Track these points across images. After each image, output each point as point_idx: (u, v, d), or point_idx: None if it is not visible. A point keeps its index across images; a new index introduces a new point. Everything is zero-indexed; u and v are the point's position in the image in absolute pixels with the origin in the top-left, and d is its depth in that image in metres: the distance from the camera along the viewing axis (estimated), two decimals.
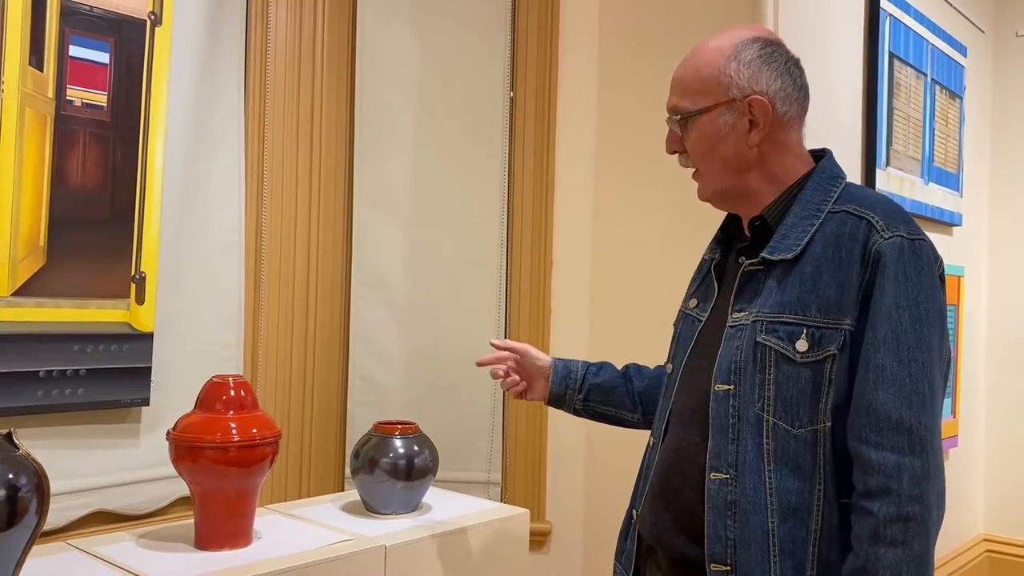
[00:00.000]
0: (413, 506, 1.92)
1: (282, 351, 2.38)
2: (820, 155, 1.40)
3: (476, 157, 2.53)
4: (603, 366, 1.67)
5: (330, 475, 2.47)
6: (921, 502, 1.17)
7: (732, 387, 1.27)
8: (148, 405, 2.05)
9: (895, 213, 1.28)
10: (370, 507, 1.91)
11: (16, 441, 1.37)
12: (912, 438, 1.18)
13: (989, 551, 3.47)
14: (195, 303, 2.19)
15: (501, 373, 1.67)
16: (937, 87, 2.99)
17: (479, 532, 1.86)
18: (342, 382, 2.51)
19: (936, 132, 2.98)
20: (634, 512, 1.47)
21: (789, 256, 1.27)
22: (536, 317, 2.50)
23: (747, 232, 1.39)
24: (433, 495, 2.02)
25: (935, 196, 2.98)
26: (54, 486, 1.85)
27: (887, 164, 2.66)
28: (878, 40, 2.59)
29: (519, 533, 1.96)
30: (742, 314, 1.30)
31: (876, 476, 1.17)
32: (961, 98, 3.18)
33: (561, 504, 2.47)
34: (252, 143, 2.31)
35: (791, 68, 1.37)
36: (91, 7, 1.94)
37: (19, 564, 1.38)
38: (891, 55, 2.67)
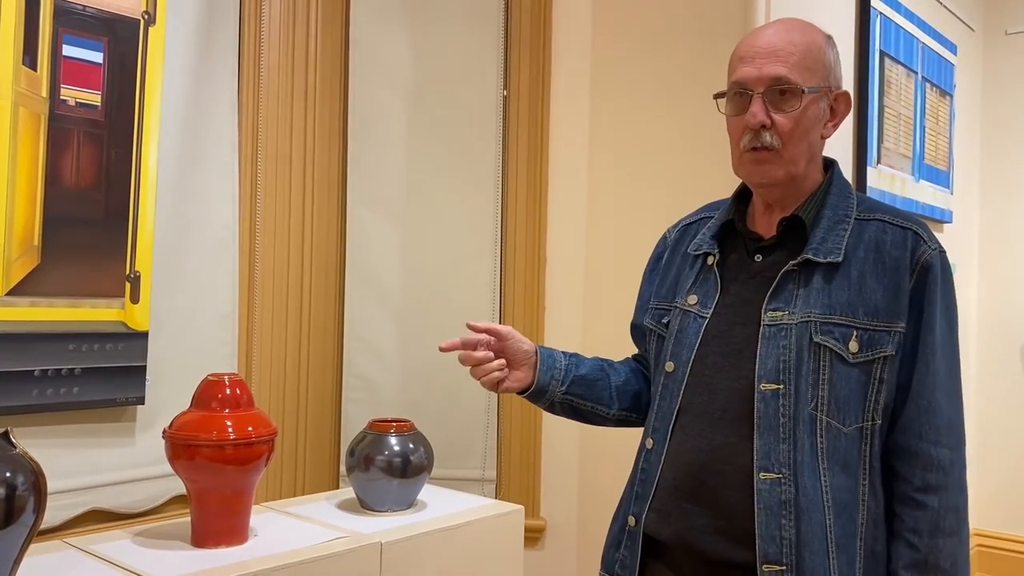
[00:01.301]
0: (408, 503, 1.93)
1: (276, 349, 2.38)
2: (825, 163, 1.43)
3: (469, 156, 2.54)
4: (581, 358, 1.57)
5: (325, 472, 2.48)
6: (965, 493, 1.30)
7: (782, 386, 1.28)
8: (143, 404, 2.05)
9: (927, 227, 1.36)
10: (366, 504, 1.92)
11: (13, 440, 1.38)
12: (958, 435, 1.30)
13: (980, 545, 3.50)
14: (190, 302, 2.19)
15: (480, 356, 1.47)
16: (928, 85, 3.01)
17: (474, 529, 1.87)
18: (336, 380, 2.52)
19: (927, 130, 3.00)
20: (630, 518, 1.42)
21: (838, 259, 1.30)
22: (530, 314, 2.51)
23: (765, 229, 1.39)
24: (428, 492, 2.02)
25: (926, 193, 3.00)
26: (50, 485, 1.88)
27: (878, 161, 2.68)
28: (869, 38, 2.61)
29: (514, 529, 1.97)
30: (780, 313, 1.31)
31: (935, 472, 1.27)
32: (951, 96, 3.20)
33: (555, 501, 2.49)
34: (246, 142, 2.32)
35: None
36: (84, 7, 1.94)
37: (16, 562, 1.38)
38: (882, 53, 2.69)
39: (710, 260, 1.43)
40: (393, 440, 1.90)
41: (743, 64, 1.35)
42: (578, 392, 1.52)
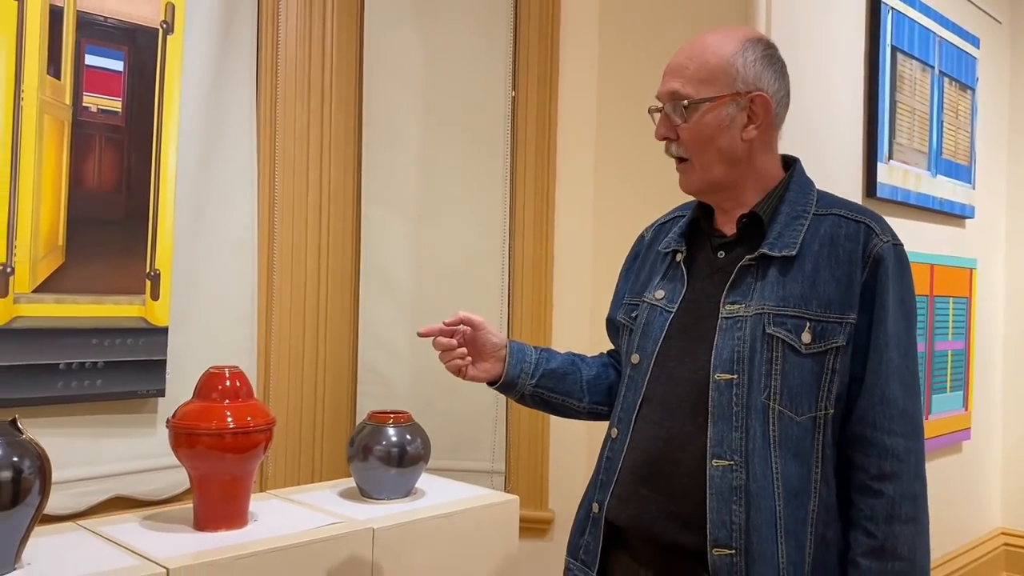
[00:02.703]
0: (406, 491, 2.00)
1: (294, 345, 2.46)
2: (787, 161, 1.47)
3: (479, 155, 2.59)
4: (552, 352, 1.62)
5: (340, 463, 2.55)
6: (922, 481, 1.31)
7: (736, 376, 1.32)
8: (164, 396, 2.13)
9: (883, 220, 1.39)
10: (365, 492, 1.99)
11: (20, 426, 1.47)
12: (914, 424, 1.31)
13: (1007, 544, 3.44)
14: (209, 299, 2.27)
15: (446, 342, 1.53)
16: (946, 79, 2.98)
17: (468, 517, 1.93)
18: (351, 374, 2.59)
19: (945, 124, 2.97)
20: (594, 504, 1.47)
21: (792, 253, 1.35)
22: (538, 311, 2.55)
23: (728, 227, 1.44)
24: (428, 482, 2.09)
25: (944, 188, 2.97)
26: (74, 472, 1.98)
27: (889, 157, 2.67)
28: (879, 34, 2.60)
29: (509, 519, 2.02)
30: (737, 306, 1.35)
31: (890, 460, 1.29)
32: (973, 90, 3.16)
33: (563, 493, 2.52)
34: (264, 144, 2.40)
35: (784, 72, 1.44)
36: (105, 18, 2.03)
37: (23, 540, 1.48)
38: (893, 48, 2.68)
39: (678, 257, 1.48)
40: (391, 431, 1.97)
41: (660, 83, 1.44)
42: (548, 385, 1.58)
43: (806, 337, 1.31)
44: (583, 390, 1.60)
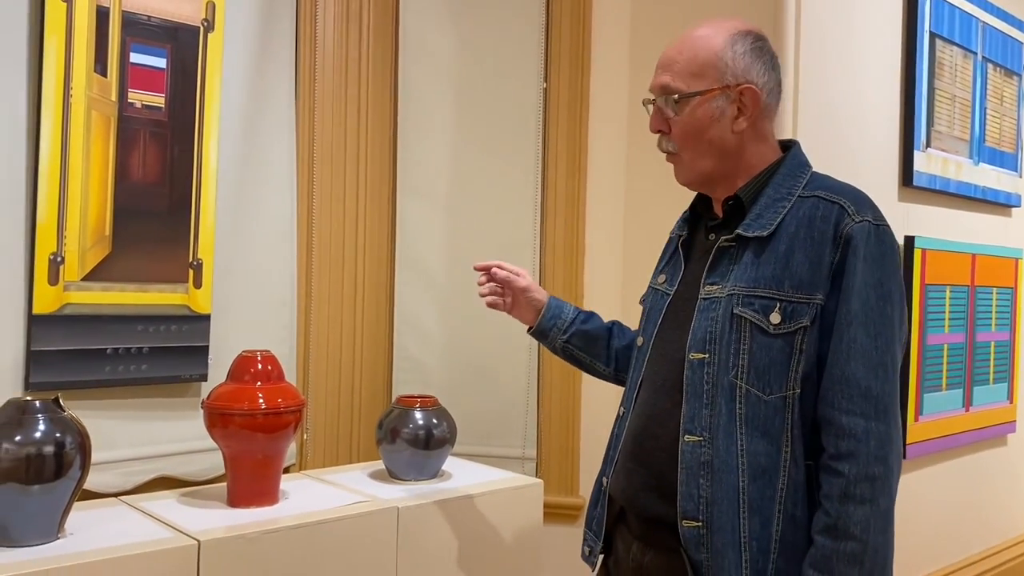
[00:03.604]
0: (432, 474, 2.05)
1: (332, 331, 2.53)
2: (786, 145, 1.48)
3: (511, 146, 2.63)
4: (592, 316, 1.75)
5: (376, 445, 2.62)
6: (885, 463, 1.28)
7: (707, 356, 1.36)
8: (206, 380, 2.21)
9: (863, 200, 1.38)
10: (392, 474, 2.05)
11: (62, 404, 1.56)
12: (878, 405, 1.29)
13: None
14: (250, 287, 2.34)
15: (487, 283, 1.78)
16: (989, 65, 2.92)
17: (491, 499, 1.97)
18: (387, 360, 2.66)
19: (988, 112, 2.92)
20: (604, 479, 1.55)
21: (764, 234, 1.36)
22: (568, 299, 2.57)
23: (720, 211, 1.46)
24: (455, 465, 2.14)
25: (987, 177, 2.92)
26: (120, 453, 2.07)
27: (927, 145, 2.63)
28: (917, 20, 2.57)
29: (533, 502, 2.06)
30: (715, 287, 1.39)
31: (847, 439, 1.28)
32: (1020, 75, 3.09)
33: (594, 479, 2.55)
34: (302, 138, 2.47)
35: (775, 63, 1.45)
36: (149, 17, 2.11)
37: (66, 511, 1.57)
38: (932, 34, 2.64)
39: (680, 242, 1.53)
40: (418, 414, 2.03)
41: (653, 77, 1.47)
42: (577, 344, 1.73)
43: (775, 318, 1.32)
44: (610, 356, 1.72)
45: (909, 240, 2.60)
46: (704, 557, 1.32)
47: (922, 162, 2.60)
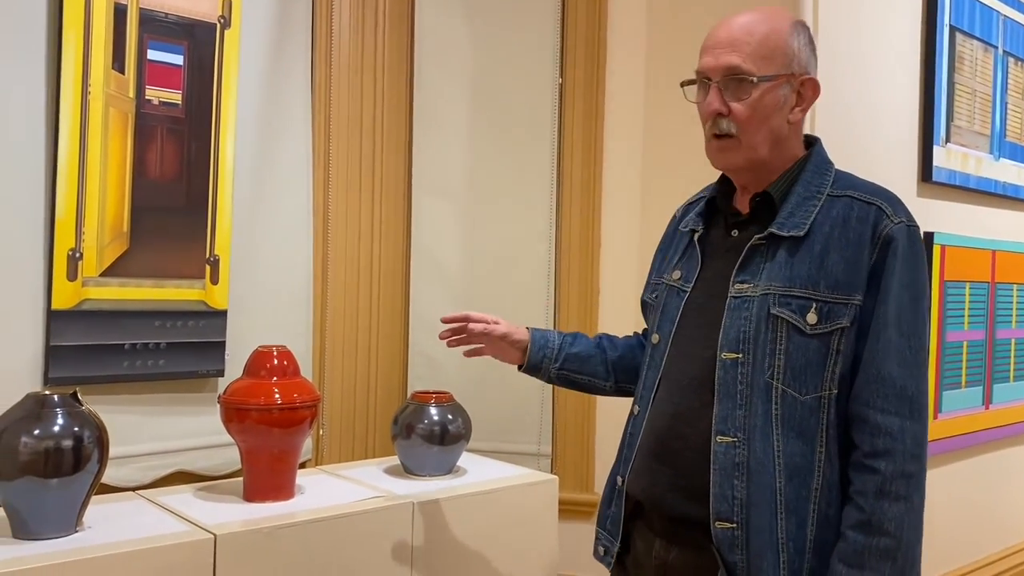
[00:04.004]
0: (447, 469, 2.05)
1: (348, 327, 2.54)
2: (808, 142, 1.47)
3: (526, 142, 2.62)
4: (577, 336, 1.70)
5: (391, 441, 2.62)
6: (919, 461, 1.30)
7: (741, 355, 1.34)
8: (223, 376, 2.22)
9: (898, 201, 1.38)
10: (408, 469, 2.05)
11: (80, 399, 1.57)
12: (913, 404, 1.30)
13: None
14: (266, 283, 2.35)
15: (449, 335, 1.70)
16: (1010, 59, 2.89)
17: (507, 495, 1.98)
18: (403, 356, 2.66)
19: (1009, 106, 2.89)
20: (619, 478, 1.52)
21: (800, 234, 1.35)
22: (584, 297, 2.58)
23: (744, 207, 1.45)
24: (470, 461, 2.14)
25: (1008, 172, 2.89)
26: (139, 448, 2.09)
27: (947, 140, 2.61)
28: (936, 14, 2.54)
29: (548, 498, 2.06)
30: (746, 286, 1.37)
31: (883, 438, 1.29)
32: None
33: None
34: (318, 134, 2.48)
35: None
36: (166, 14, 2.12)
37: (84, 504, 1.59)
38: (952, 28, 2.61)
39: (695, 236, 1.50)
40: (433, 410, 2.03)
41: (704, 54, 1.41)
42: (572, 368, 1.67)
43: (812, 318, 1.32)
44: (608, 371, 1.67)
45: (928, 236, 2.58)
46: (739, 558, 1.32)
47: (941, 157, 2.58)
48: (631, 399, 1.68)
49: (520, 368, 1.69)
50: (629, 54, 2.57)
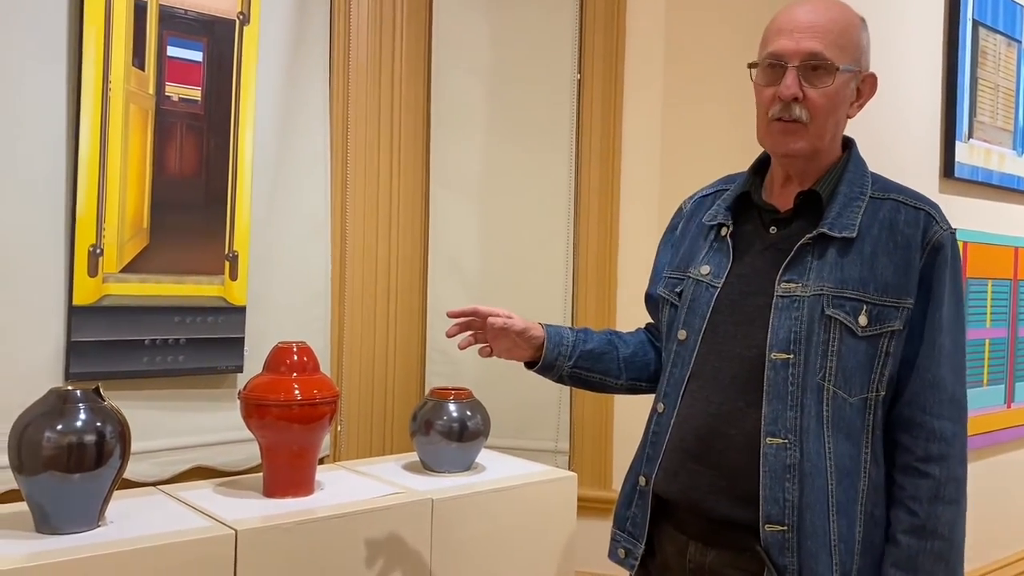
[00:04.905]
0: (466, 466, 2.05)
1: (366, 324, 2.54)
2: (844, 142, 1.46)
3: (545, 138, 2.62)
4: (588, 332, 1.64)
5: (409, 437, 2.63)
6: (966, 464, 1.34)
7: (792, 356, 1.33)
8: (242, 372, 2.23)
9: (940, 208, 1.40)
10: (427, 465, 2.06)
11: (102, 394, 1.58)
12: (961, 409, 1.34)
13: None
14: (285, 279, 2.36)
15: (463, 334, 1.63)
16: None
17: (526, 492, 1.97)
18: (420, 353, 2.66)
19: None
20: (641, 478, 1.48)
21: (852, 235, 1.35)
22: (602, 293, 2.57)
23: (781, 201, 1.43)
24: (489, 458, 2.14)
25: None
26: (158, 443, 2.10)
27: (969, 136, 2.59)
28: (959, 8, 2.52)
29: (567, 496, 2.06)
30: (794, 285, 1.35)
31: (938, 443, 1.31)
32: None
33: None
34: (336, 131, 2.48)
35: None
36: (186, 10, 2.13)
37: (107, 499, 1.59)
38: (975, 23, 2.59)
39: (724, 231, 1.47)
40: (452, 407, 2.03)
41: (780, 36, 1.37)
42: (585, 365, 1.60)
43: (863, 320, 1.32)
44: (620, 368, 1.62)
45: None
46: (790, 561, 1.30)
47: (964, 153, 2.56)
48: (643, 395, 1.66)
49: (532, 367, 1.63)
50: (648, 50, 2.56)
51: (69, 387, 1.61)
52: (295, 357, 1.83)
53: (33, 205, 1.93)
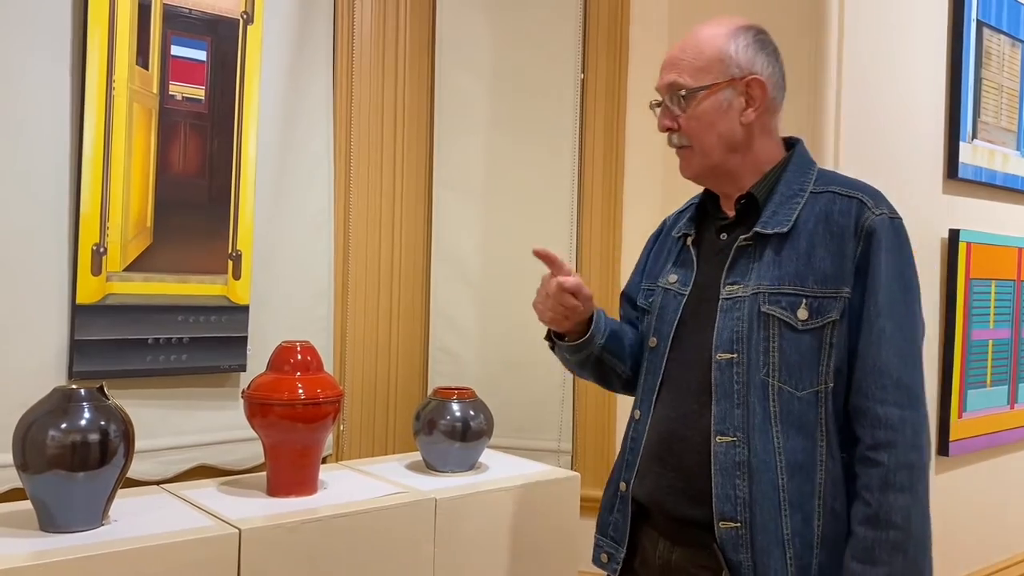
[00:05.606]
0: (469, 465, 2.06)
1: (369, 323, 2.55)
2: (790, 143, 1.50)
3: (548, 138, 2.62)
4: (604, 314, 1.60)
5: (412, 437, 2.62)
6: (921, 450, 1.31)
7: (735, 355, 1.36)
8: (245, 371, 2.23)
9: (878, 195, 1.41)
10: (430, 465, 2.06)
11: (107, 393, 1.58)
12: (910, 394, 1.32)
13: None
14: (288, 279, 2.36)
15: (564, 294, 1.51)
16: None
17: (529, 491, 1.97)
18: (423, 353, 2.66)
19: None
20: (622, 484, 1.52)
21: (783, 230, 1.37)
22: (605, 295, 2.56)
23: (731, 210, 1.47)
24: (492, 457, 2.14)
25: None
26: (161, 442, 2.10)
27: (973, 137, 2.58)
28: (963, 8, 2.52)
29: (570, 495, 2.06)
30: (736, 287, 1.39)
31: (884, 429, 1.30)
32: None
33: None
34: (340, 130, 2.48)
35: (778, 57, 1.47)
36: (190, 10, 2.13)
37: (110, 498, 1.59)
38: (979, 23, 2.59)
39: (688, 241, 1.53)
40: (455, 406, 2.03)
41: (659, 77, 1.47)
42: (612, 347, 1.58)
43: (802, 314, 1.34)
44: (627, 355, 1.62)
45: (954, 233, 2.55)
46: (744, 557, 1.32)
47: (967, 154, 2.55)
48: (626, 394, 1.67)
49: (569, 340, 1.55)
50: (652, 49, 2.55)
51: (73, 386, 1.61)
52: (299, 356, 1.83)
53: (37, 204, 1.93)
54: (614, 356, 1.61)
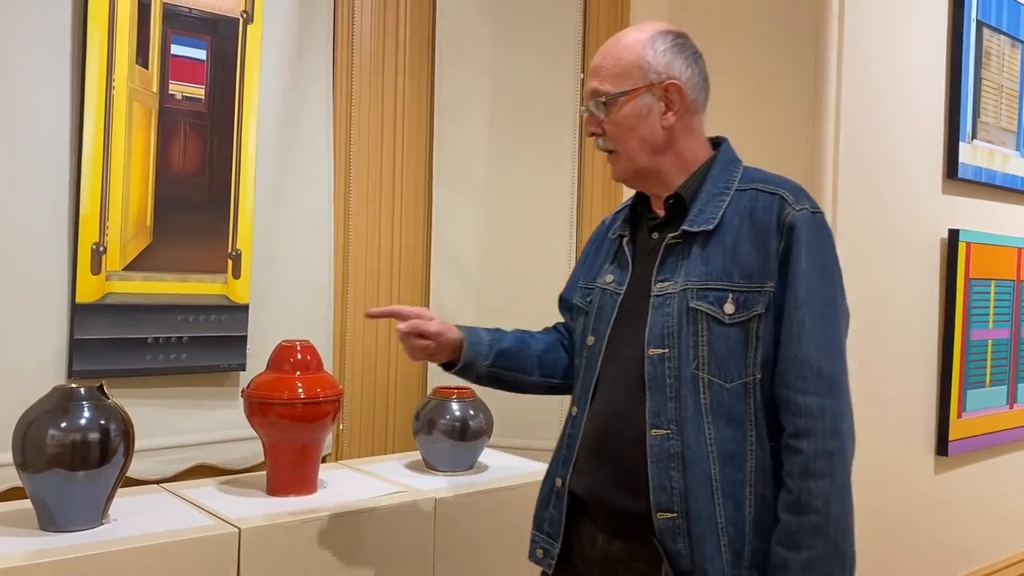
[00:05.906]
0: (468, 464, 2.06)
1: (368, 323, 2.54)
2: (716, 142, 1.53)
3: (548, 136, 2.62)
4: (502, 332, 1.70)
5: (411, 436, 2.62)
6: (839, 437, 1.34)
7: (667, 350, 1.39)
8: (244, 370, 2.24)
9: (800, 190, 1.44)
10: (429, 464, 2.06)
11: (106, 392, 1.58)
12: (831, 384, 1.35)
13: None
14: (288, 277, 2.37)
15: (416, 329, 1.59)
16: None
17: (528, 491, 1.96)
18: None
19: None
20: (558, 480, 1.54)
21: (709, 228, 1.41)
22: None
23: (661, 210, 1.50)
24: (491, 456, 2.14)
25: None
26: (161, 441, 2.10)
27: (973, 137, 2.58)
28: (963, 8, 2.52)
29: None
30: (667, 284, 1.42)
31: (803, 418, 1.33)
32: None
33: None
34: (340, 128, 2.49)
35: (698, 59, 1.51)
36: (189, 9, 2.14)
37: (110, 497, 1.60)
38: (979, 23, 2.59)
39: (623, 241, 1.55)
40: (455, 406, 2.03)
41: None
42: (502, 364, 1.66)
43: (729, 308, 1.37)
44: (534, 365, 1.68)
45: (953, 234, 2.55)
46: (681, 547, 1.35)
47: (967, 154, 2.55)
48: (560, 396, 1.73)
49: (450, 368, 1.66)
50: None
51: (73, 385, 1.61)
52: (298, 355, 1.83)
53: (37, 203, 1.94)
54: (511, 370, 1.66)
